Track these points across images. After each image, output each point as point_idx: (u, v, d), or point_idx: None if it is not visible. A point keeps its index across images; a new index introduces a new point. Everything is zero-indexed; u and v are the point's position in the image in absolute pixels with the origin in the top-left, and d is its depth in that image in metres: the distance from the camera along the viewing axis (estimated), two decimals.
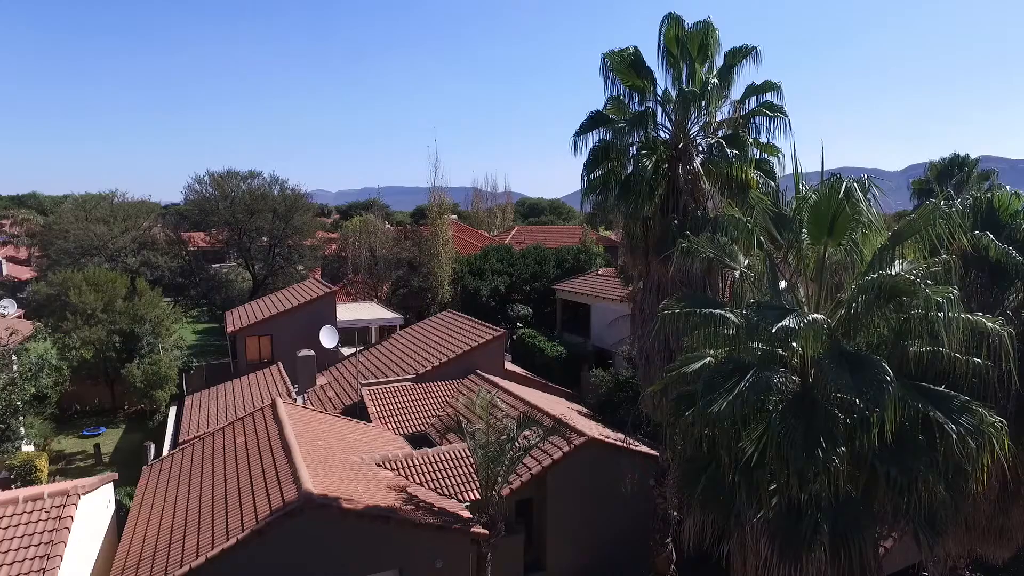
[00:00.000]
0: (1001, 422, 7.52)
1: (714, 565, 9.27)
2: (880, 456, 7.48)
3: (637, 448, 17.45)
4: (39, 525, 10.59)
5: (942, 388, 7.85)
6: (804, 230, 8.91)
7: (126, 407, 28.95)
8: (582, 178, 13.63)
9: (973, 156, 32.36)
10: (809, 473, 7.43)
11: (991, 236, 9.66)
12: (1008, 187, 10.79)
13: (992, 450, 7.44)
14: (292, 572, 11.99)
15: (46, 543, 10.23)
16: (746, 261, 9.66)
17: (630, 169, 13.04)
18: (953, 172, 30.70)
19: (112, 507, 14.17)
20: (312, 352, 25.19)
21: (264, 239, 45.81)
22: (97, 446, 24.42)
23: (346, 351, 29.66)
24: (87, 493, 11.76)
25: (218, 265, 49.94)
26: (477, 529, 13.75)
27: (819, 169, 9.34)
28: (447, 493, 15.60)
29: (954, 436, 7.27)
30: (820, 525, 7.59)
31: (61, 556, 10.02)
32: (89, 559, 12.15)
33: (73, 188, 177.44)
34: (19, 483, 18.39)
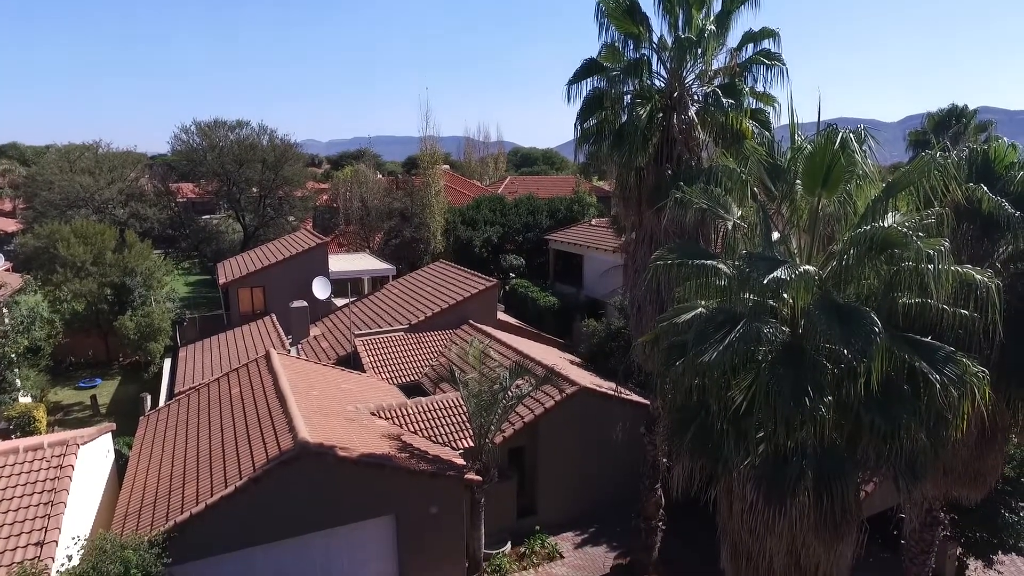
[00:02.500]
0: (983, 372, 7.66)
1: (702, 509, 9.56)
2: (866, 405, 7.63)
3: (628, 397, 17.76)
4: (41, 474, 10.79)
5: (928, 339, 7.97)
6: (798, 181, 8.86)
7: (121, 359, 29.09)
8: (575, 127, 13.42)
9: (972, 107, 31.87)
10: (796, 421, 7.59)
11: (984, 188, 9.62)
12: (1005, 139, 10.69)
13: (973, 399, 7.61)
14: (289, 519, 12.30)
15: (49, 491, 10.44)
16: (739, 212, 9.62)
17: (624, 118, 12.83)
18: (951, 123, 30.27)
19: (112, 456, 14.40)
20: (305, 303, 25.23)
21: (254, 190, 45.24)
22: (94, 397, 24.63)
23: (339, 302, 29.72)
24: (86, 443, 11.94)
25: (208, 216, 49.41)
26: (471, 476, 14.09)
27: (815, 119, 9.23)
28: (441, 441, 15.91)
29: (938, 385, 7.41)
30: (805, 471, 7.81)
31: (64, 503, 10.24)
32: (91, 506, 12.42)
33: (55, 138, 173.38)
34: (18, 433, 18.61)
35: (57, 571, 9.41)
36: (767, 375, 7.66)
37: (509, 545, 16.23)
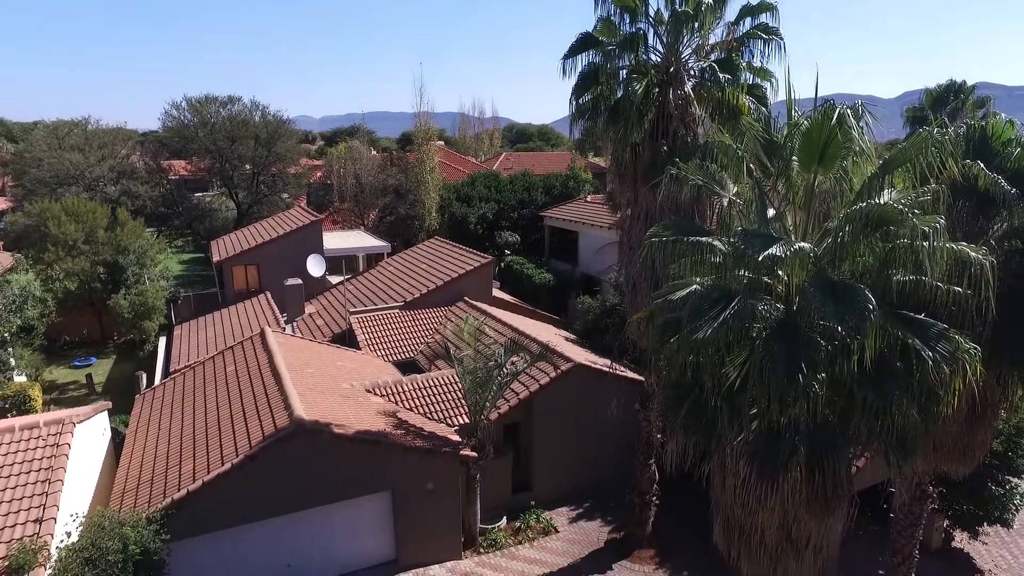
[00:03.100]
0: (975, 349, 7.70)
1: (695, 485, 9.66)
2: (859, 381, 7.67)
3: (623, 373, 17.85)
4: (37, 452, 10.81)
5: (922, 316, 7.98)
6: (795, 158, 8.80)
7: (115, 338, 29.02)
8: (570, 103, 13.30)
9: (970, 83, 31.47)
10: (789, 398, 7.62)
11: (981, 165, 9.57)
12: (1003, 115, 10.60)
13: (965, 375, 7.65)
14: (285, 496, 12.38)
15: (46, 469, 10.47)
16: (735, 189, 9.56)
17: (620, 93, 12.69)
18: (949, 99, 29.96)
19: (108, 435, 14.43)
20: (300, 281, 25.16)
21: (247, 167, 44.77)
22: (89, 376, 24.61)
23: (334, 279, 29.65)
24: (82, 421, 11.95)
25: (201, 194, 48.95)
26: (466, 452, 14.19)
27: (812, 95, 9.13)
28: (436, 418, 15.98)
29: (930, 362, 7.45)
30: (797, 447, 7.87)
31: (62, 481, 10.27)
32: (89, 484, 12.47)
33: (42, 114, 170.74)
34: (14, 412, 18.60)
35: (56, 547, 9.48)
36: (761, 352, 7.68)
37: (504, 520, 16.42)
